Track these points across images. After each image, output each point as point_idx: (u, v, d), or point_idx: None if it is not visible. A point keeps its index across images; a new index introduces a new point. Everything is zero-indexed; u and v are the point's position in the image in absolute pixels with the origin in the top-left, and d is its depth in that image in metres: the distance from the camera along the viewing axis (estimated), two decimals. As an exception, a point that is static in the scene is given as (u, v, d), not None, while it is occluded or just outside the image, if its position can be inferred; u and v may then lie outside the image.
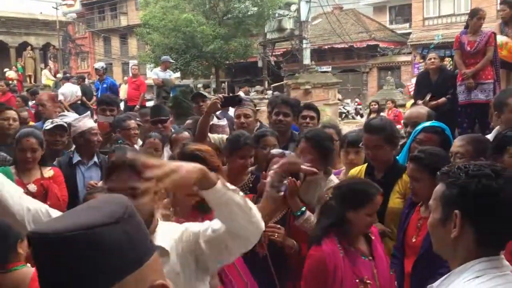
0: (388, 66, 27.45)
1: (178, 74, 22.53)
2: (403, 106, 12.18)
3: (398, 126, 5.01)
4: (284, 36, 22.51)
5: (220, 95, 3.62)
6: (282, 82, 20.96)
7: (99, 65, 11.48)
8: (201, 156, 2.32)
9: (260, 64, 24.69)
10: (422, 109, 3.69)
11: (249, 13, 21.11)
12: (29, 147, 3.38)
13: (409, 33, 26.89)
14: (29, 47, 18.63)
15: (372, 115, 10.15)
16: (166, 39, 20.21)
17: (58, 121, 4.15)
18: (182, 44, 19.93)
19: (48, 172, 3.52)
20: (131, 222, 0.86)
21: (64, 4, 23.84)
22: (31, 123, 5.51)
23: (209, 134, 3.72)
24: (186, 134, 3.87)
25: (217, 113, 4.27)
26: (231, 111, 5.28)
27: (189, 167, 1.45)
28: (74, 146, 4.03)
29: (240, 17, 20.83)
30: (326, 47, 27.71)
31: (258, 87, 23.63)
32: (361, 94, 27.45)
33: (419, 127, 2.99)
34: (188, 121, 4.57)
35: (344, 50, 27.57)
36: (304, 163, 2.54)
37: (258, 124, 4.52)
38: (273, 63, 23.76)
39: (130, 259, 0.84)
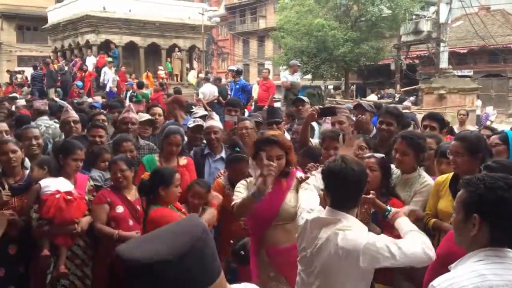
0: (540, 72, 24.81)
1: (309, 76, 23.19)
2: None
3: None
4: (421, 38, 21.76)
5: (317, 107, 4.12)
6: (413, 87, 20.33)
7: (232, 67, 12.53)
8: (275, 139, 2.87)
9: (392, 67, 24.20)
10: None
11: (382, 15, 20.87)
12: (175, 142, 4.17)
13: None
14: (177, 49, 20.78)
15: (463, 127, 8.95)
16: (299, 43, 20.97)
17: (199, 121, 4.89)
18: (314, 47, 20.51)
19: (183, 161, 4.28)
20: (195, 256, 0.98)
21: (210, 10, 25.90)
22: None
23: (311, 139, 4.22)
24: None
25: None
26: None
27: None
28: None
29: (373, 21, 20.69)
30: (466, 50, 25.95)
31: (391, 90, 23.22)
32: (506, 101, 25.23)
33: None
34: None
35: (488, 54, 25.55)
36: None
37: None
38: (404, 66, 23.07)
39: None
